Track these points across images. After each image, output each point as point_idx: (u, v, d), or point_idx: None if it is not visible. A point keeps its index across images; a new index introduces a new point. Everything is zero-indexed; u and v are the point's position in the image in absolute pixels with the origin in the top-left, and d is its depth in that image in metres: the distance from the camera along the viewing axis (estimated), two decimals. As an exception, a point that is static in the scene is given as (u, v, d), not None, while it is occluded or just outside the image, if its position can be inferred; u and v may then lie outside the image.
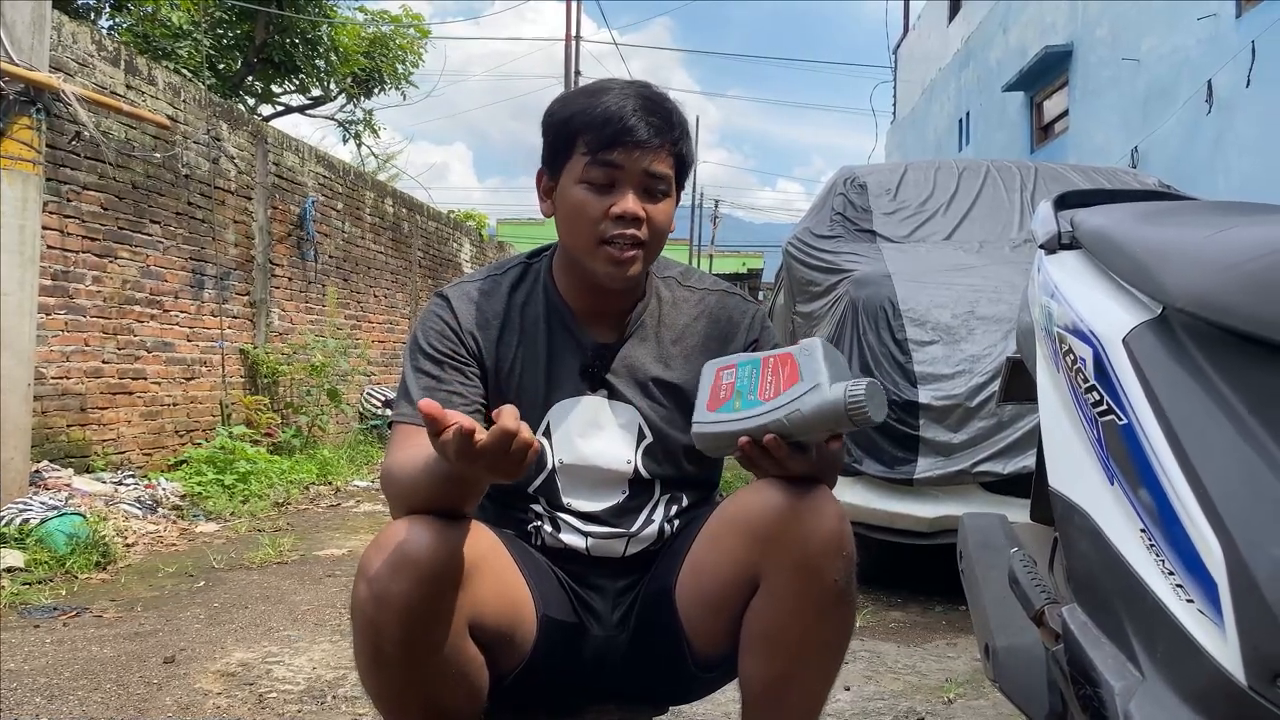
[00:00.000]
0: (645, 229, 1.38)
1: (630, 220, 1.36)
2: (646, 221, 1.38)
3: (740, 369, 1.28)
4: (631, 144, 1.35)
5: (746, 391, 1.25)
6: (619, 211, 1.36)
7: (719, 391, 1.28)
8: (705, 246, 32.31)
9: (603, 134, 1.35)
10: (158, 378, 6.01)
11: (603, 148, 1.36)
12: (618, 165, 1.36)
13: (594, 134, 1.36)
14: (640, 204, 1.37)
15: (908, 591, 3.61)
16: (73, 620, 3.23)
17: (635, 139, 1.35)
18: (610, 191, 1.37)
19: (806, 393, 1.19)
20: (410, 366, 1.44)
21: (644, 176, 1.37)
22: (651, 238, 1.40)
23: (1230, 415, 0.86)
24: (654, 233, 1.40)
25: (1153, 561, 0.89)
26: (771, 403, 1.21)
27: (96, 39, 5.45)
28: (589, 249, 1.39)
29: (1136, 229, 1.12)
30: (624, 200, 1.36)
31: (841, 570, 1.26)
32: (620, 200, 1.36)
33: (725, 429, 1.25)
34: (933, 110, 18.33)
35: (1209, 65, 8.50)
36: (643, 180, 1.37)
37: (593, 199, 1.37)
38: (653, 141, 1.36)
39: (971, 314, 3.38)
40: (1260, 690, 0.76)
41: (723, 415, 1.26)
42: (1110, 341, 1.00)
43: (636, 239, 1.37)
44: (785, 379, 1.22)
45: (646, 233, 1.38)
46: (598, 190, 1.37)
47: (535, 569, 1.44)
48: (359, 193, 9.19)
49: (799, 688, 1.31)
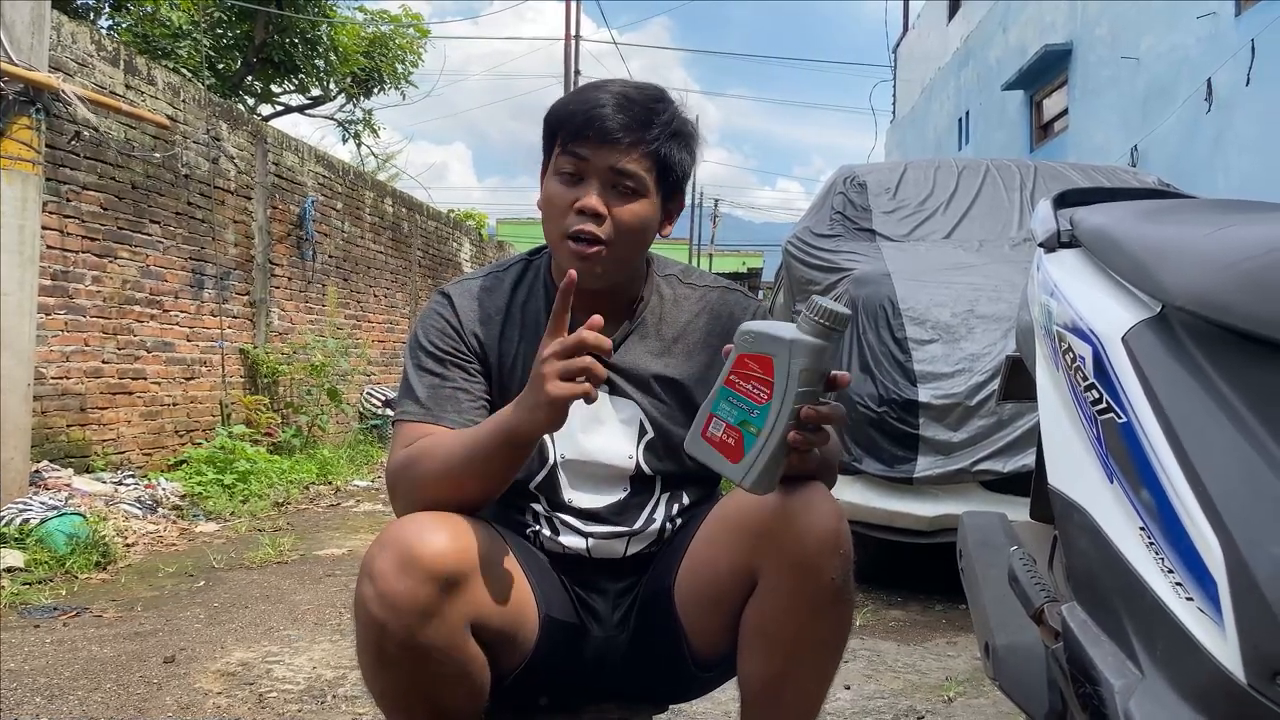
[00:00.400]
0: (609, 227, 1.36)
1: (590, 215, 1.35)
2: (611, 219, 1.36)
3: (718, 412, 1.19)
4: (597, 138, 1.34)
5: (748, 415, 1.18)
6: (580, 205, 1.36)
7: (727, 444, 1.19)
8: (705, 246, 32.34)
9: (572, 126, 1.36)
10: (158, 378, 6.01)
11: (571, 140, 1.36)
12: (583, 158, 1.36)
13: (567, 127, 1.37)
14: (603, 200, 1.35)
15: (908, 590, 3.61)
16: (73, 620, 3.23)
17: (602, 133, 1.34)
18: (578, 185, 1.37)
19: (791, 354, 1.15)
20: (412, 365, 1.44)
21: (610, 173, 1.36)
22: (616, 236, 1.36)
23: (1230, 414, 0.86)
24: (620, 231, 1.37)
25: (1152, 560, 0.89)
26: (776, 393, 1.16)
27: (96, 39, 5.45)
28: (556, 241, 1.40)
29: (1136, 227, 1.12)
30: (586, 195, 1.36)
31: (839, 569, 1.26)
32: (584, 194, 1.36)
33: (769, 453, 1.17)
34: (932, 109, 18.34)
35: (1208, 64, 8.50)
36: (609, 176, 1.36)
37: (560, 191, 1.38)
38: (622, 138, 1.34)
39: (971, 312, 3.38)
40: (1260, 688, 0.76)
41: (754, 450, 1.17)
42: (1109, 340, 1.00)
43: (594, 235, 1.35)
44: (761, 370, 1.17)
45: (610, 231, 1.36)
46: (567, 182, 1.38)
47: (538, 568, 1.44)
48: (358, 192, 9.19)
49: (797, 686, 1.31)
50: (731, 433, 1.18)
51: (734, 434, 1.18)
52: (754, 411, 1.17)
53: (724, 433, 1.18)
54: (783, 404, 1.16)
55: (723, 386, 1.19)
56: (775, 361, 1.16)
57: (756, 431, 1.17)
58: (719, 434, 1.19)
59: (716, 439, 1.19)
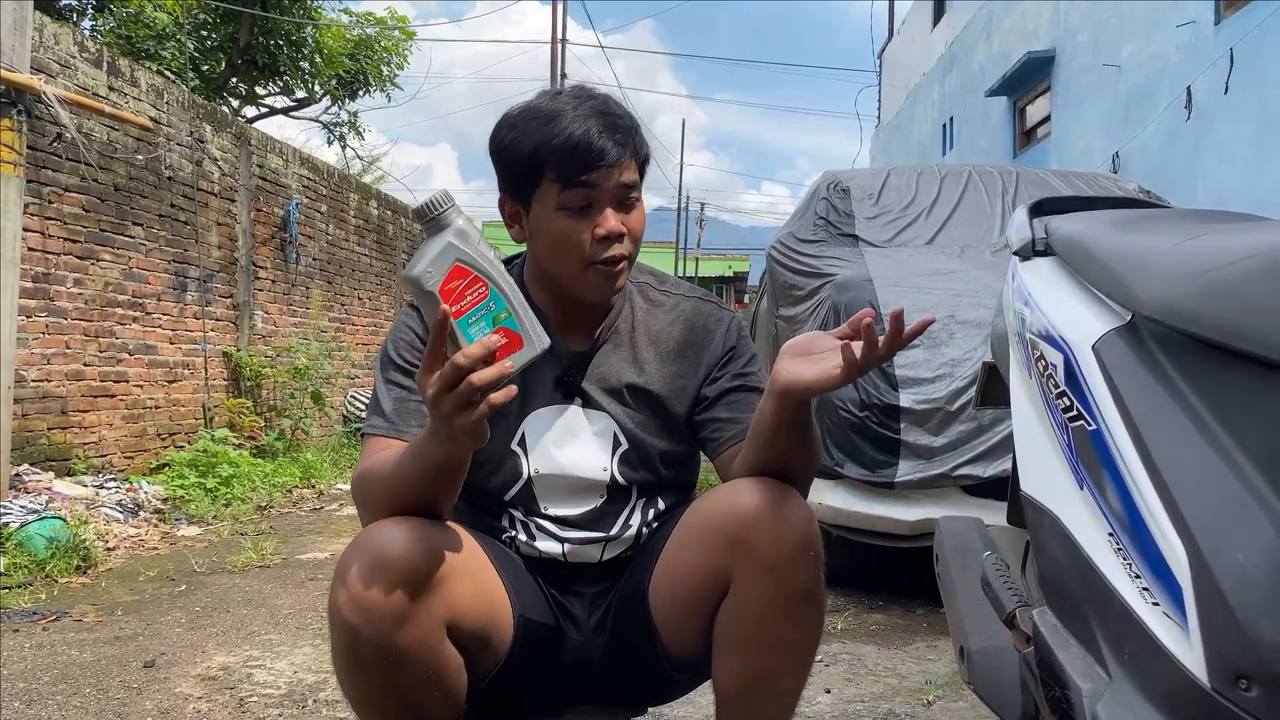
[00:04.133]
0: (628, 241, 1.40)
1: (616, 239, 1.38)
2: (628, 234, 1.40)
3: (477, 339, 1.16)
4: (604, 165, 1.35)
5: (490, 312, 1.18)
6: (604, 233, 1.37)
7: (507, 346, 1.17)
8: (691, 249, 32.36)
9: (574, 161, 1.35)
10: (140, 380, 5.98)
11: (577, 173, 1.35)
12: (593, 186, 1.36)
13: (563, 162, 1.35)
14: (619, 219, 1.39)
15: (889, 594, 3.63)
16: (52, 624, 3.21)
17: (606, 159, 1.35)
18: (589, 212, 1.37)
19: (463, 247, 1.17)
20: (381, 378, 1.45)
21: (618, 189, 1.38)
22: (634, 246, 1.42)
23: (1196, 422, 0.87)
24: (634, 240, 1.42)
25: (1120, 565, 0.91)
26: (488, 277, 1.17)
27: (79, 40, 5.42)
28: (579, 273, 1.40)
29: (1108, 236, 1.14)
30: (605, 220, 1.37)
31: (809, 571, 1.27)
32: (601, 220, 1.37)
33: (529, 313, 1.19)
34: (917, 115, 18.42)
35: (1188, 72, 8.57)
36: (618, 193, 1.38)
37: (574, 224, 1.37)
38: (623, 156, 1.37)
39: (952, 318, 3.40)
40: (1223, 691, 0.77)
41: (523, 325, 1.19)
42: (1080, 348, 1.02)
43: (623, 255, 1.39)
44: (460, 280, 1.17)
45: (629, 244, 1.40)
46: (576, 215, 1.37)
47: (513, 571, 1.45)
48: (343, 195, 9.17)
49: (771, 687, 1.33)
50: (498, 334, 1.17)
51: (500, 333, 1.17)
52: (491, 305, 1.18)
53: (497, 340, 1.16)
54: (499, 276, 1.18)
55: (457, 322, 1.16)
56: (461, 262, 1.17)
57: (510, 311, 1.18)
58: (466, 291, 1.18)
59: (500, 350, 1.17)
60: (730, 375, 1.50)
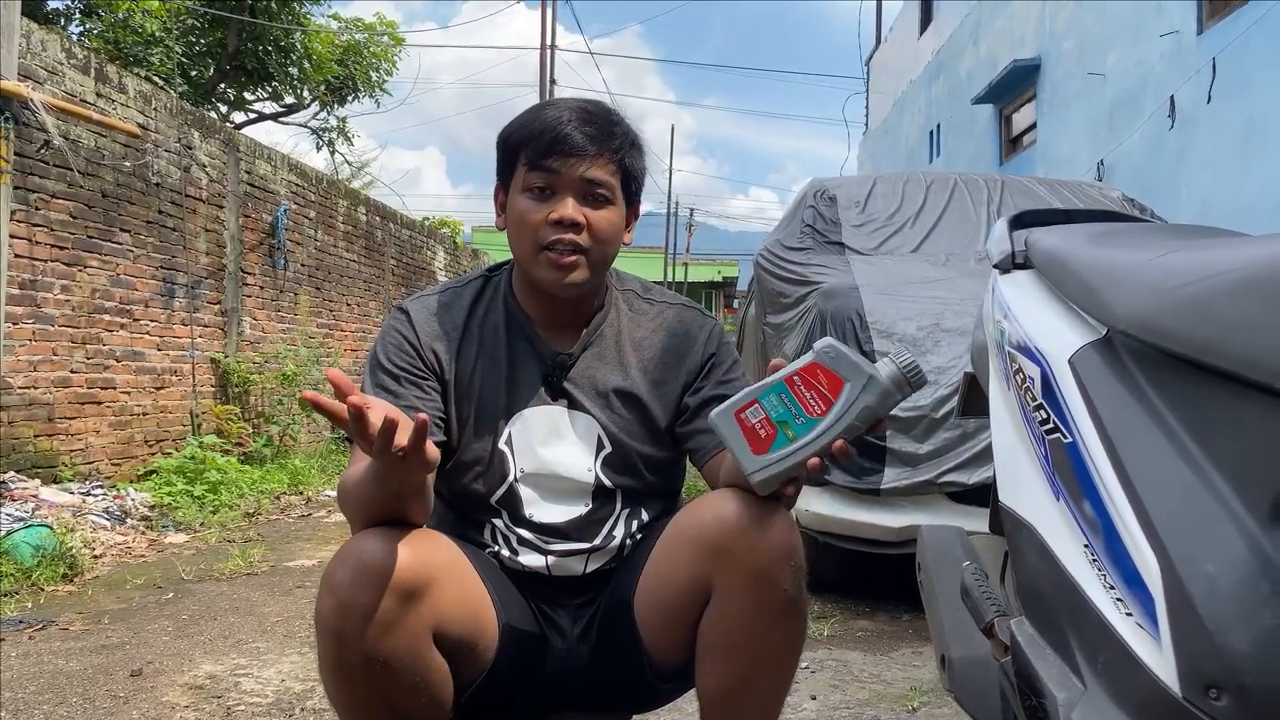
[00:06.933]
0: (586, 235, 1.41)
1: (568, 225, 1.40)
2: (587, 228, 1.41)
3: (764, 401, 1.20)
4: (567, 151, 1.40)
5: (792, 418, 1.19)
6: (556, 217, 1.40)
7: (756, 433, 1.20)
8: (680, 255, 32.38)
9: (540, 143, 1.40)
10: (127, 387, 5.96)
11: (541, 156, 1.40)
12: (554, 171, 1.40)
13: (533, 144, 1.41)
14: (579, 209, 1.41)
15: (875, 600, 3.64)
16: (39, 633, 3.20)
17: (571, 146, 1.40)
18: (550, 199, 1.42)
19: (864, 388, 1.18)
20: (370, 381, 1.46)
21: (582, 183, 1.41)
22: (594, 244, 1.43)
23: (1169, 436, 0.89)
24: (596, 239, 1.43)
25: (1095, 576, 0.92)
26: (832, 414, 1.18)
27: (66, 47, 5.41)
28: (531, 256, 1.43)
29: (1085, 251, 1.15)
30: (562, 206, 1.41)
31: (791, 580, 1.29)
32: (559, 206, 1.41)
33: (792, 461, 1.19)
34: (904, 121, 18.49)
35: (1172, 81, 8.64)
36: (581, 186, 1.41)
37: (533, 206, 1.42)
38: (589, 149, 1.41)
39: (937, 326, 3.42)
40: (1194, 701, 0.79)
41: (781, 451, 1.19)
42: (1057, 361, 1.03)
43: (575, 244, 1.41)
44: (828, 387, 1.18)
45: (587, 239, 1.42)
46: (538, 198, 1.42)
47: (497, 580, 1.46)
48: (332, 201, 9.16)
49: (754, 696, 1.34)
50: (767, 426, 1.20)
51: (769, 429, 1.20)
52: (800, 419, 1.19)
53: (760, 423, 1.20)
54: (830, 427, 1.19)
55: (780, 382, 1.20)
56: (846, 387, 1.18)
57: (793, 438, 1.19)
58: (754, 421, 1.20)
59: (749, 424, 1.20)
60: (713, 384, 1.52)
